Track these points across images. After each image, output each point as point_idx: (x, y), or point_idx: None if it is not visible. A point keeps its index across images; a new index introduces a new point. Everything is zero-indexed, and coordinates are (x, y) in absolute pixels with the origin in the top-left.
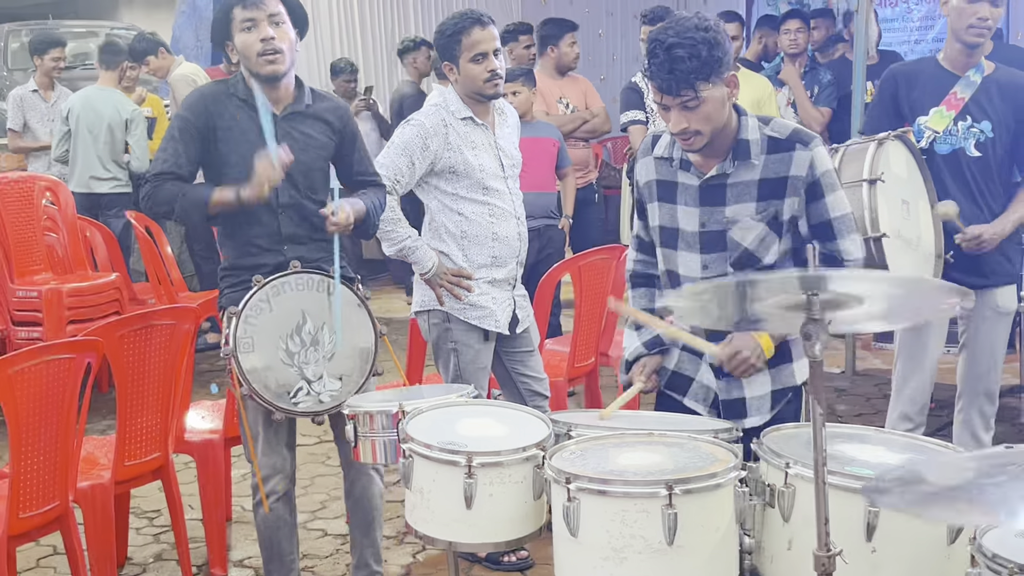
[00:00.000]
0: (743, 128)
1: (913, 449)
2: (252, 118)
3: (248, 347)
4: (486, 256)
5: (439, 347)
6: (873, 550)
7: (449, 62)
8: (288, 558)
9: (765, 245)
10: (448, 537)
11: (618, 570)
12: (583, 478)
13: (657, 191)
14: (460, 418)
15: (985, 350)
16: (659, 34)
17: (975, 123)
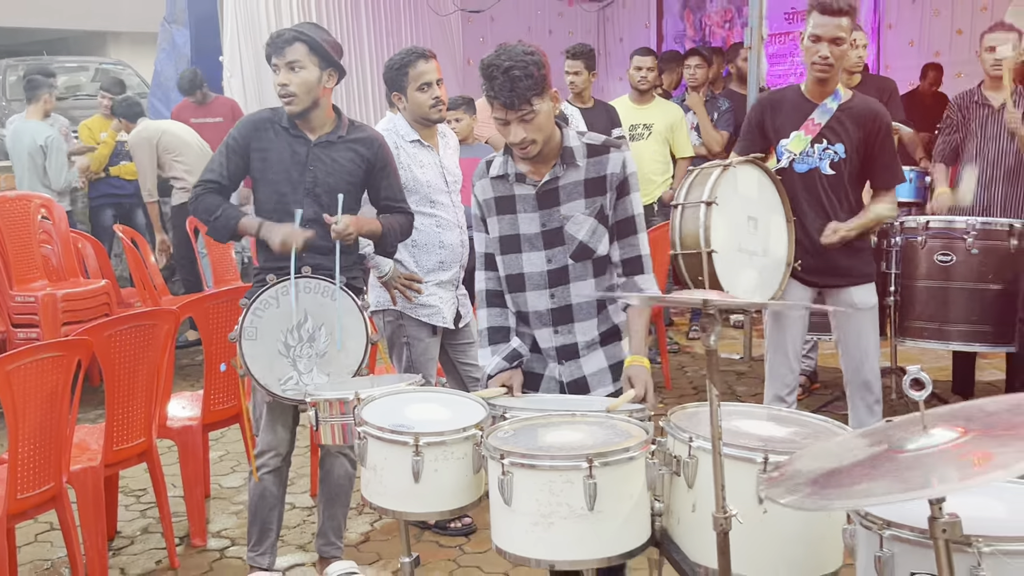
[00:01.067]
0: (566, 137)
1: (798, 424)
2: (287, 143)
3: (252, 335)
4: (434, 261)
5: (393, 341)
6: (764, 511)
7: (398, 91)
8: (267, 527)
9: (597, 237)
10: (399, 508)
11: (546, 533)
12: (515, 454)
13: (496, 206)
14: (409, 403)
15: (853, 343)
16: (495, 60)
17: (830, 145)
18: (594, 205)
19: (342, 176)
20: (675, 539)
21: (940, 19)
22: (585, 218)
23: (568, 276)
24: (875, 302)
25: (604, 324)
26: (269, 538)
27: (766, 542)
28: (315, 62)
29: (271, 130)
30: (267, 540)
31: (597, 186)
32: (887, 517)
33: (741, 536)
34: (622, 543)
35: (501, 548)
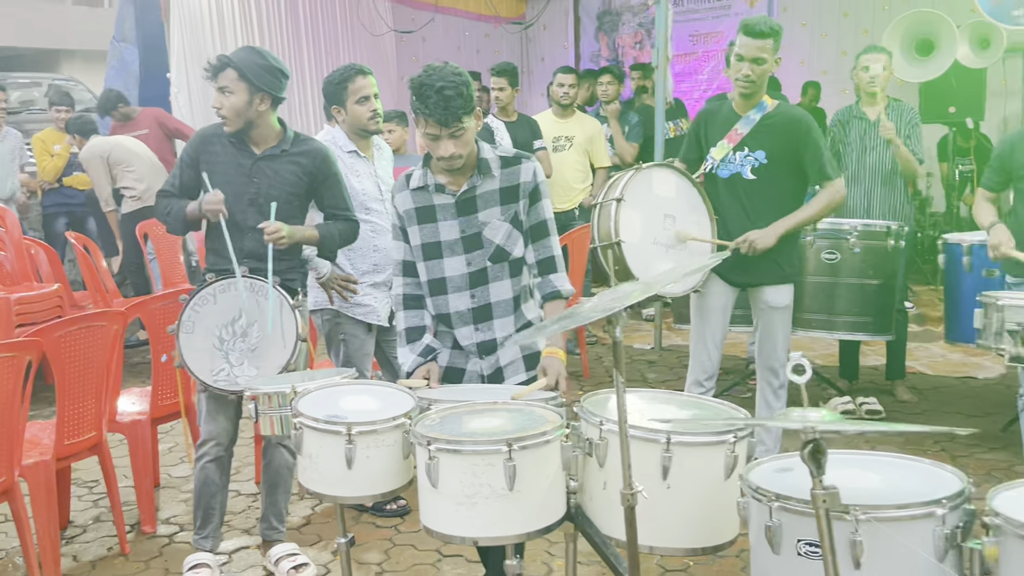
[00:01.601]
0: (482, 150)
1: (698, 407)
2: (233, 156)
3: (189, 329)
4: (368, 264)
5: (331, 338)
6: (668, 487)
7: (337, 105)
8: (210, 512)
9: (512, 241)
10: (333, 492)
11: (470, 512)
12: (441, 440)
13: (417, 216)
14: (343, 396)
15: (766, 336)
16: (426, 80)
17: (751, 152)
18: (509, 212)
19: (284, 187)
20: (588, 514)
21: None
22: (501, 223)
23: (487, 278)
24: (788, 302)
25: (520, 320)
26: (212, 522)
27: (669, 515)
28: (244, 87)
29: (219, 143)
30: (210, 524)
31: (511, 194)
32: (775, 490)
33: (647, 510)
34: (540, 519)
35: (429, 527)
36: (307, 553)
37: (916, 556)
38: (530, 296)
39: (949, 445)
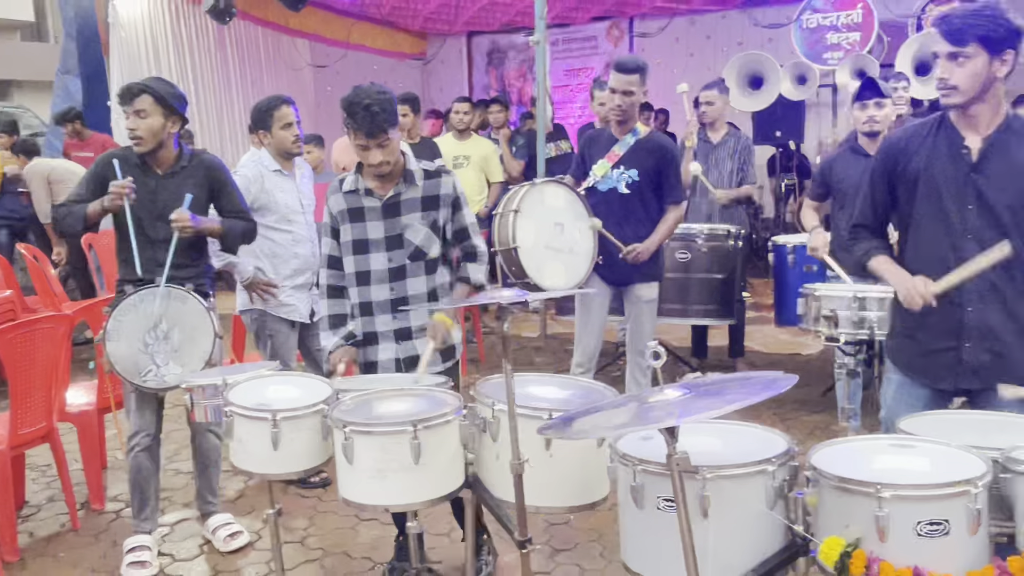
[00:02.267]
0: (408, 162)
1: (577, 387)
2: (139, 177)
3: (115, 336)
4: (290, 269)
5: (259, 335)
6: (551, 456)
7: (263, 130)
8: (146, 496)
9: (429, 243)
10: (262, 470)
11: (381, 484)
12: (355, 423)
13: (348, 216)
14: (269, 386)
15: (635, 324)
16: (355, 98)
17: (626, 170)
18: (429, 217)
19: (188, 195)
20: (484, 482)
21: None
22: (421, 227)
23: (405, 273)
24: (655, 296)
25: None
26: (149, 505)
27: (552, 479)
28: (159, 111)
29: (124, 167)
30: (147, 507)
31: (432, 203)
32: (638, 456)
33: (533, 476)
34: (442, 488)
35: (346, 498)
36: (241, 522)
37: (752, 506)
38: (447, 292)
39: (780, 410)
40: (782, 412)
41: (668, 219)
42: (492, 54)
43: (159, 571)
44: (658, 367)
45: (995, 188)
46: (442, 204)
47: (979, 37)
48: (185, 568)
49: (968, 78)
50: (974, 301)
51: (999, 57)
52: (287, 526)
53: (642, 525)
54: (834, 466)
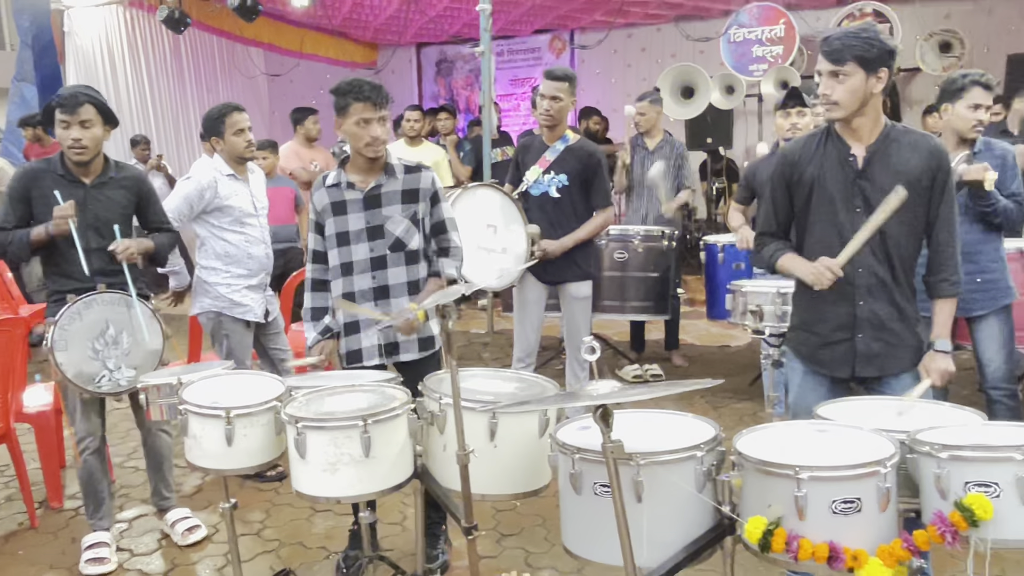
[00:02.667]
0: (389, 157)
1: (520, 381)
2: (65, 188)
3: (63, 347)
4: (243, 269)
5: (215, 335)
6: (495, 446)
7: (216, 136)
8: (100, 496)
9: (409, 235)
10: (216, 466)
11: (333, 477)
12: (306, 419)
13: (332, 210)
14: (222, 384)
15: (570, 320)
16: (354, 80)
17: (556, 175)
18: (409, 210)
19: (117, 210)
20: (432, 472)
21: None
22: (401, 219)
23: (386, 263)
24: (587, 294)
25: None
26: (104, 504)
27: (496, 468)
28: (101, 121)
29: (48, 178)
30: (102, 507)
31: (412, 196)
32: (576, 445)
33: (478, 466)
34: (392, 479)
35: (300, 491)
36: (199, 516)
37: (682, 489)
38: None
39: (713, 399)
40: (714, 401)
41: (593, 221)
42: (440, 64)
43: (118, 566)
44: (593, 361)
45: (879, 191)
46: (421, 198)
47: (856, 57)
48: (144, 562)
49: (848, 94)
50: (864, 295)
51: (875, 74)
52: (244, 519)
53: (580, 510)
54: (757, 450)
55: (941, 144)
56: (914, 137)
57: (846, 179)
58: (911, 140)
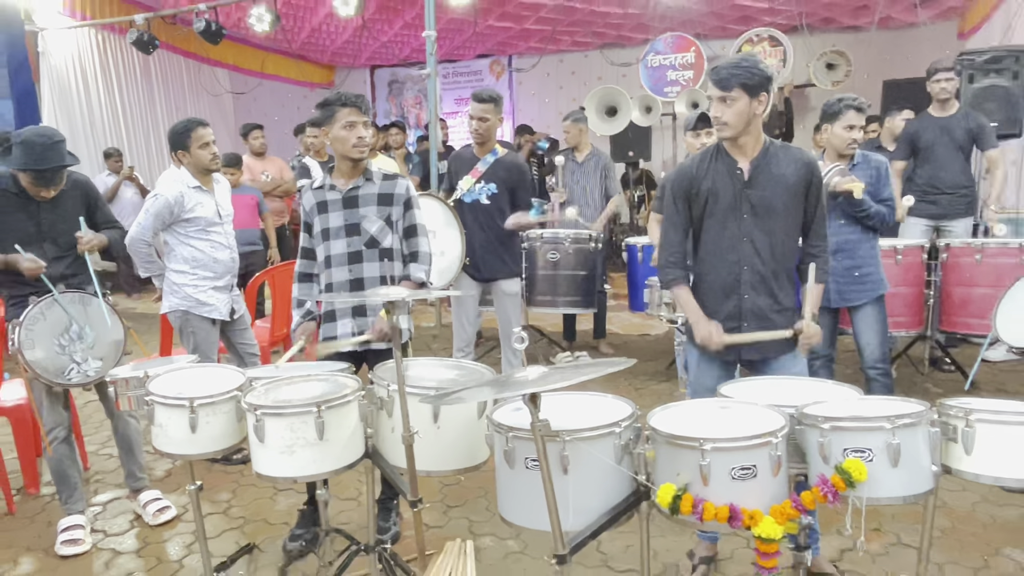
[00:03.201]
0: (369, 164)
1: (460, 368)
2: (18, 204)
3: (31, 345)
4: (209, 272)
5: (183, 332)
6: (438, 428)
7: (182, 149)
8: (72, 482)
9: (384, 233)
10: (182, 452)
11: (290, 459)
12: (265, 407)
13: (317, 209)
14: (187, 376)
15: (503, 314)
16: (340, 92)
17: (487, 184)
18: (384, 212)
19: (69, 220)
20: (381, 452)
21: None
22: (376, 219)
23: (361, 258)
24: (517, 290)
25: None
26: (76, 489)
27: (439, 447)
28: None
29: (2, 197)
30: (75, 492)
31: (387, 199)
32: (509, 424)
33: (423, 445)
34: (344, 459)
35: (259, 472)
36: (169, 498)
37: (603, 461)
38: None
39: (634, 381)
40: (635, 383)
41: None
42: (392, 84)
43: (92, 547)
44: (522, 350)
45: (762, 199)
46: (395, 202)
47: (741, 84)
48: (117, 542)
49: (735, 116)
50: (748, 291)
51: (756, 98)
52: (212, 499)
53: (514, 482)
54: (667, 426)
55: (813, 157)
56: (790, 151)
57: (735, 189)
58: (788, 154)
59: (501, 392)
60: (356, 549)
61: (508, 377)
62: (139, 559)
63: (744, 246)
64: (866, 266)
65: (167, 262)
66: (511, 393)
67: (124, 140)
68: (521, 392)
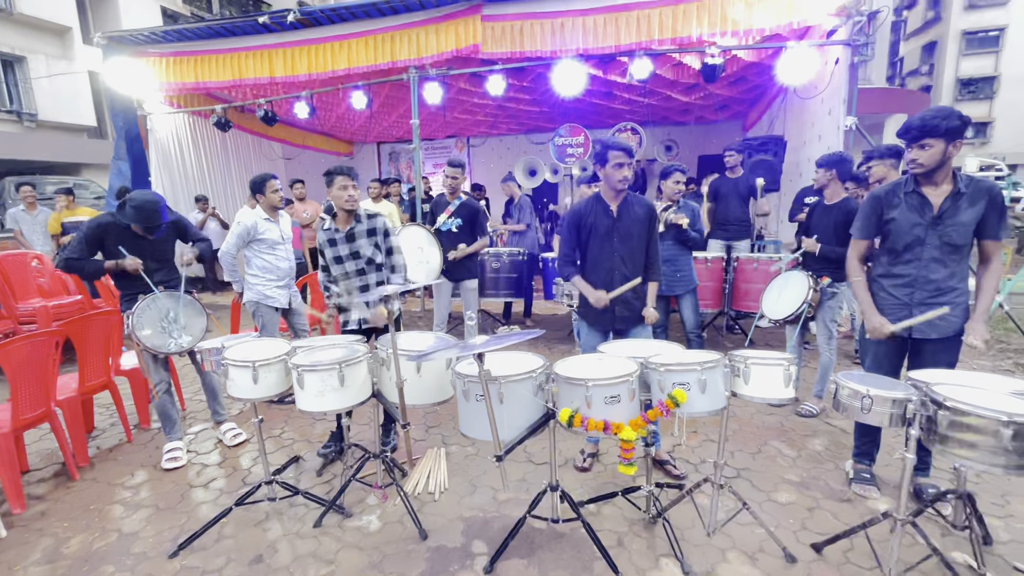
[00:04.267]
0: (358, 210)
1: (437, 338)
2: (134, 237)
3: (141, 327)
4: (274, 276)
5: (255, 315)
6: (420, 376)
7: (259, 193)
8: (173, 418)
9: (376, 254)
10: (248, 396)
11: (321, 399)
12: (303, 366)
13: (328, 244)
14: (250, 346)
15: (466, 303)
16: (337, 166)
17: (455, 219)
18: (373, 240)
19: (167, 245)
20: (384, 393)
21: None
22: (369, 245)
23: (364, 272)
24: (475, 287)
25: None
26: (176, 424)
27: (422, 388)
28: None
29: (117, 229)
30: (175, 426)
31: (373, 232)
32: (466, 373)
33: (410, 388)
34: (358, 398)
35: (301, 409)
36: (242, 427)
37: (526, 395)
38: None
39: (547, 344)
40: (549, 345)
41: (477, 243)
42: (392, 154)
43: (187, 462)
44: (474, 326)
45: (625, 232)
46: (378, 233)
47: (633, 155)
48: (205, 459)
49: (625, 179)
50: (617, 286)
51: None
52: (269, 430)
53: (468, 409)
54: (566, 371)
55: (651, 202)
56: (640, 199)
57: (607, 224)
58: (637, 200)
59: (460, 352)
60: (367, 456)
61: (464, 343)
62: (220, 469)
63: (615, 259)
64: (684, 270)
65: (247, 268)
66: (466, 352)
67: (209, 190)
68: (472, 352)
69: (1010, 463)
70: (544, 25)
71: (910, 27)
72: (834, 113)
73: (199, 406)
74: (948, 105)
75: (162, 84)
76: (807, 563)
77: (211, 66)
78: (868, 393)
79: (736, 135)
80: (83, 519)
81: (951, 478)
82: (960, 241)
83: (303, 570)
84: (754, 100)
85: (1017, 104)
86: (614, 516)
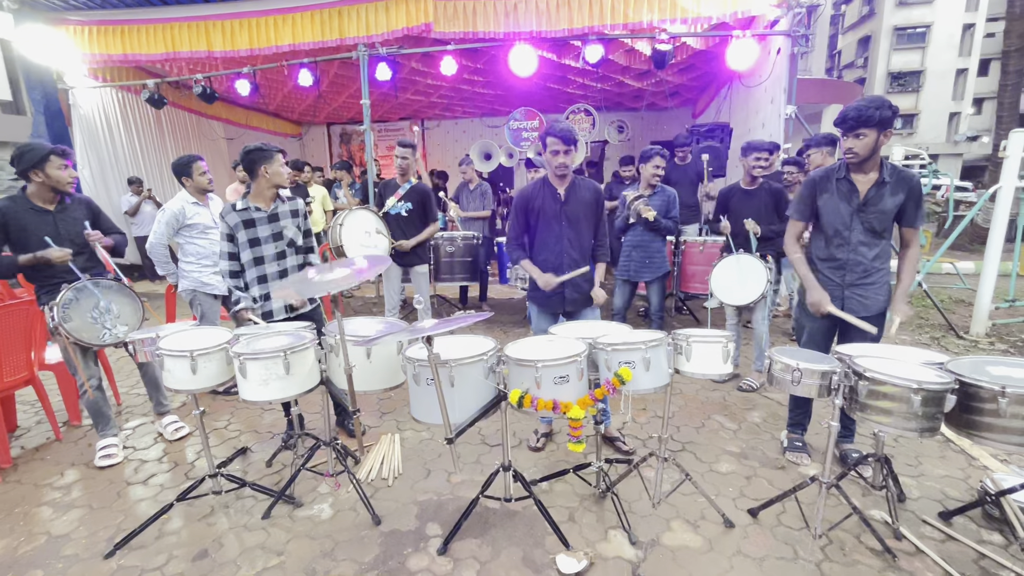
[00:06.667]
0: (280, 192)
1: (386, 323)
2: (35, 215)
3: (68, 319)
4: (209, 262)
5: (193, 304)
6: (370, 362)
7: (186, 176)
8: (106, 415)
9: (297, 236)
10: (186, 388)
11: (266, 388)
12: (246, 354)
13: (243, 225)
14: (188, 335)
15: (418, 288)
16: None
17: (405, 203)
18: (295, 221)
19: (78, 224)
20: (333, 380)
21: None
22: (291, 227)
23: (285, 255)
24: (426, 271)
25: None
26: (110, 421)
27: (372, 374)
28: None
29: (19, 209)
30: (109, 423)
31: (295, 213)
32: (416, 357)
33: (360, 373)
34: (305, 386)
35: (244, 399)
36: (184, 421)
37: (477, 377)
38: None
39: (503, 327)
40: (504, 328)
41: (426, 230)
42: (342, 135)
43: (123, 459)
44: (423, 310)
45: (572, 215)
46: (299, 214)
47: (573, 142)
48: (143, 454)
49: (571, 162)
50: (567, 269)
51: (574, 147)
52: (213, 422)
53: (419, 393)
54: (516, 353)
55: (599, 186)
56: (587, 182)
57: (556, 208)
58: (584, 183)
59: (409, 336)
60: (318, 444)
61: (413, 326)
62: (161, 465)
63: (563, 242)
64: (656, 257)
65: (180, 257)
66: (414, 335)
67: (143, 171)
68: (420, 335)
69: (921, 426)
70: (498, 5)
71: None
72: (776, 102)
73: (136, 400)
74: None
75: (85, 55)
76: (744, 527)
77: (140, 37)
78: (798, 366)
79: (686, 121)
80: (6, 523)
81: (873, 443)
82: (880, 227)
83: (251, 562)
84: (703, 88)
85: (940, 97)
86: (565, 492)
